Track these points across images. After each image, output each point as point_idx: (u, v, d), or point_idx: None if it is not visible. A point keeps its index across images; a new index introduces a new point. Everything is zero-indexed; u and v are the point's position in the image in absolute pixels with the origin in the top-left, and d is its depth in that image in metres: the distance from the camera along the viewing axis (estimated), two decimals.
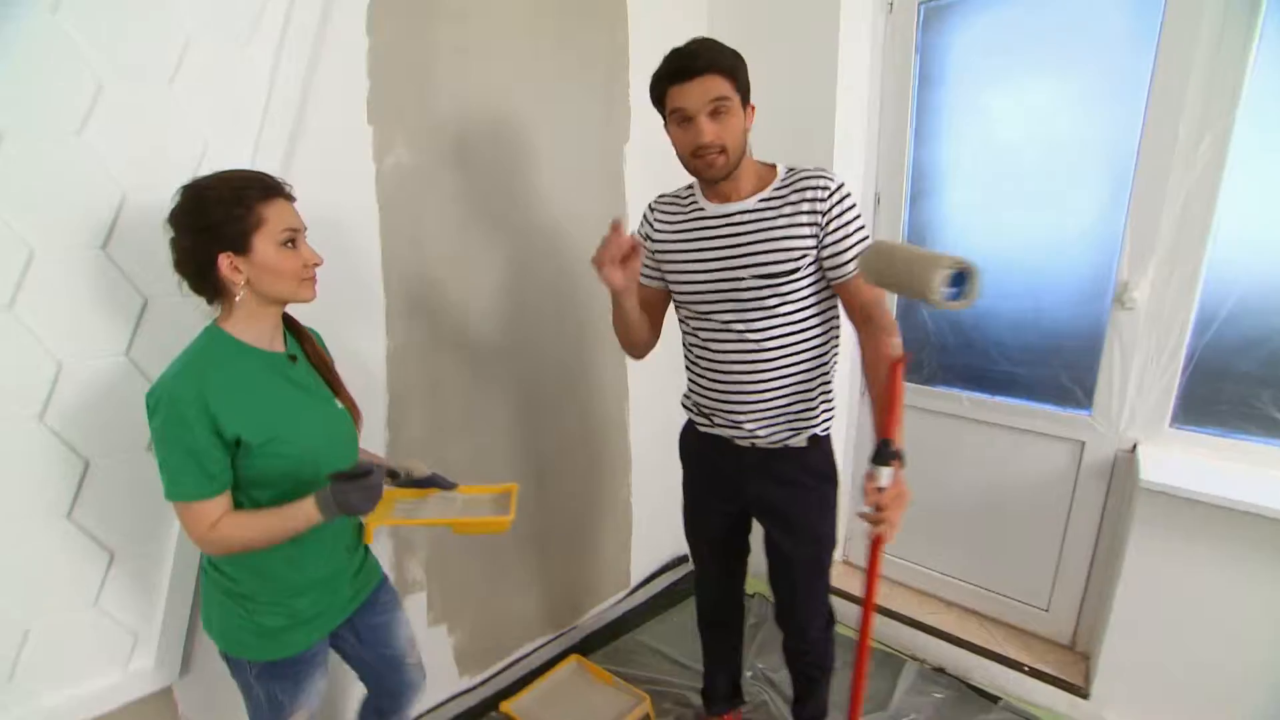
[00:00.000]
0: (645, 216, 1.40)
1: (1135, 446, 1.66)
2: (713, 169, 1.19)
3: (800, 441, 1.32)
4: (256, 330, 1.02)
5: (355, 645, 1.23)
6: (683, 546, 2.57)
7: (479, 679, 1.90)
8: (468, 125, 1.61)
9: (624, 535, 2.31)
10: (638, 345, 1.42)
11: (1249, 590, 1.44)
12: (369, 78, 1.41)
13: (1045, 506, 1.84)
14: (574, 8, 1.79)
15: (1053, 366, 1.79)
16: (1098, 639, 1.73)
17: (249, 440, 0.96)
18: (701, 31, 2.12)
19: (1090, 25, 1.63)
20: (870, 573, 1.16)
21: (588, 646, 2.11)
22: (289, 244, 0.99)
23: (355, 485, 0.97)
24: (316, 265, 1.03)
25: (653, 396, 2.27)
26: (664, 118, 1.24)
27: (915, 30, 1.90)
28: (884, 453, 1.07)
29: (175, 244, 0.97)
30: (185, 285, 0.99)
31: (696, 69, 1.14)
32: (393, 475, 1.11)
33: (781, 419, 1.31)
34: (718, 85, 1.14)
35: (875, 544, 1.14)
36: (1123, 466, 1.70)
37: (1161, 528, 1.52)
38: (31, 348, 1.06)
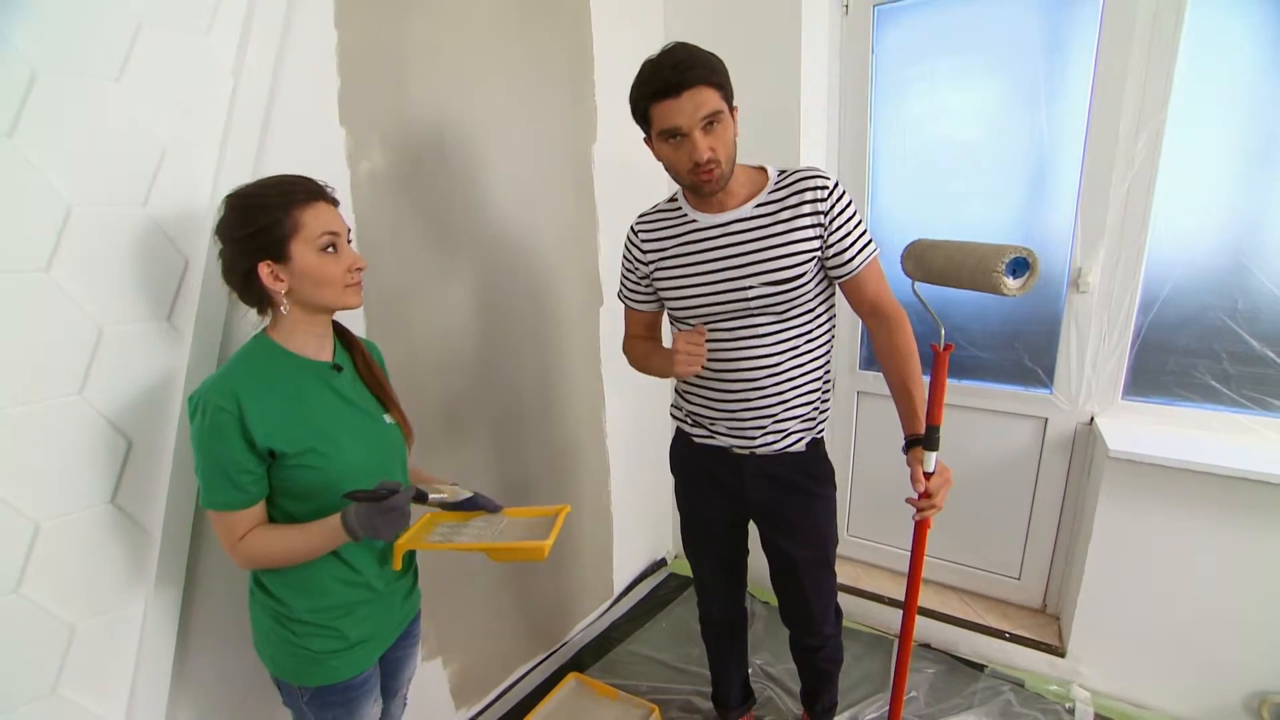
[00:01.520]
0: (630, 240, 1.35)
1: (1093, 419, 1.80)
2: (713, 182, 1.15)
3: (800, 447, 1.31)
4: (303, 339, 1.00)
5: None
6: (660, 550, 2.57)
7: (476, 709, 1.80)
8: (442, 127, 1.51)
9: (605, 544, 2.26)
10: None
11: (1205, 544, 1.59)
12: (339, 75, 1.29)
13: (1013, 481, 1.96)
14: (538, 6, 1.72)
15: (1015, 349, 1.90)
16: (1068, 600, 1.86)
17: (282, 450, 0.94)
18: (658, 31, 2.13)
19: (1033, 28, 1.74)
20: (916, 558, 1.19)
21: (581, 662, 2.04)
22: (329, 249, 0.96)
23: (375, 509, 0.93)
24: (360, 269, 1.00)
25: (628, 402, 2.24)
26: (647, 134, 1.18)
27: (871, 31, 1.96)
28: (933, 439, 1.10)
29: (221, 255, 0.96)
30: (234, 296, 0.98)
31: (685, 82, 1.07)
32: (420, 498, 1.02)
33: (786, 425, 1.29)
34: (709, 98, 1.08)
35: (922, 529, 1.17)
36: (1083, 438, 1.83)
37: (1127, 492, 1.65)
38: None
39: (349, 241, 1.01)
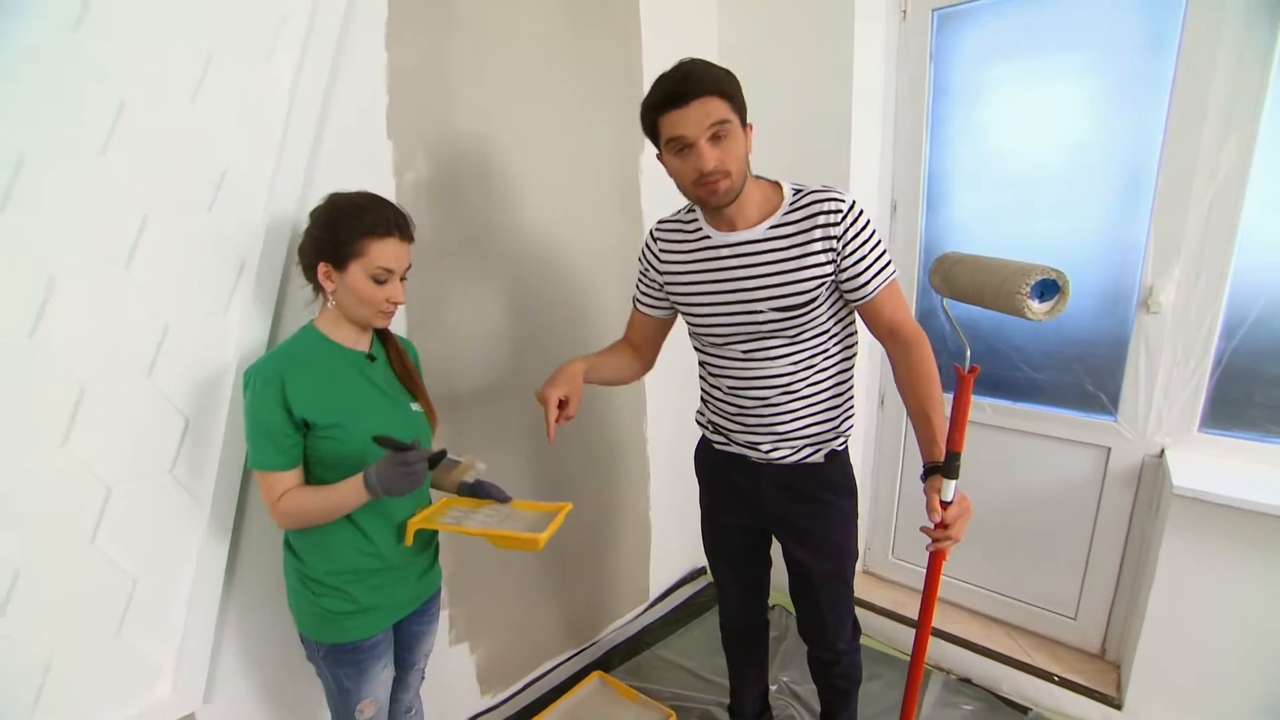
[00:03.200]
0: (648, 245, 1.35)
1: (1163, 452, 1.65)
2: (717, 195, 1.13)
3: (818, 458, 1.30)
4: (344, 331, 1.13)
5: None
6: (701, 559, 2.56)
7: (501, 698, 1.88)
8: (485, 140, 1.60)
9: (643, 548, 2.29)
10: (625, 383, 1.48)
11: None
12: (388, 93, 1.40)
13: (1071, 513, 1.82)
14: (587, 22, 1.79)
15: (1075, 372, 1.77)
16: (1129, 648, 1.71)
17: (314, 421, 1.06)
18: (712, 43, 2.15)
19: (1108, 29, 1.62)
20: (929, 589, 1.15)
21: (609, 662, 2.08)
22: (379, 280, 1.08)
23: (393, 459, 1.02)
24: (397, 304, 1.12)
25: (670, 410, 2.26)
26: (658, 148, 1.18)
27: (929, 36, 1.90)
28: (953, 466, 1.05)
29: (305, 233, 1.10)
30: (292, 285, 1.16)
31: (692, 92, 1.07)
32: (433, 462, 1.09)
33: (802, 439, 1.28)
34: (716, 107, 1.07)
35: (936, 559, 1.12)
36: (1150, 472, 1.68)
37: (1195, 534, 1.50)
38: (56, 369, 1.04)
39: (403, 278, 1.12)
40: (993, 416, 1.91)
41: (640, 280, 1.40)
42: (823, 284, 1.18)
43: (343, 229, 1.06)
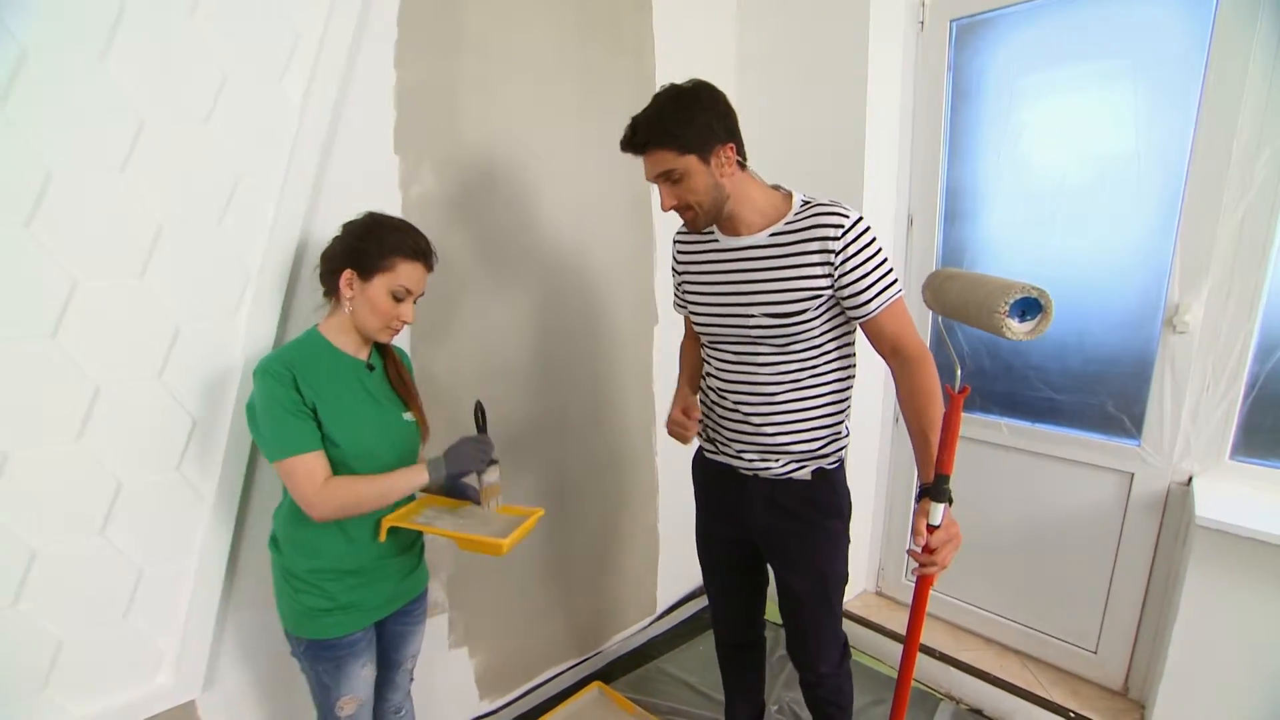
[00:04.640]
0: (673, 248, 1.41)
1: (1191, 479, 1.56)
2: (689, 224, 1.24)
3: (804, 475, 1.28)
4: (346, 339, 1.18)
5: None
6: None
7: (500, 703, 1.89)
8: (493, 154, 1.64)
9: (650, 561, 2.28)
10: None
11: None
12: (395, 109, 1.45)
13: (1092, 541, 1.74)
14: (598, 39, 1.82)
15: (1097, 393, 1.70)
16: (1153, 687, 1.61)
17: (319, 413, 1.10)
18: (730, 56, 2.15)
19: (1134, 39, 1.56)
20: (915, 613, 1.11)
21: (611, 673, 2.08)
22: (397, 298, 1.15)
23: (469, 438, 1.20)
24: (405, 323, 1.18)
25: None
26: None
27: (947, 48, 1.86)
28: (941, 489, 1.03)
29: (334, 241, 1.17)
30: (317, 271, 1.19)
31: (638, 146, 1.18)
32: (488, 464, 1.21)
33: (783, 453, 1.27)
34: (660, 159, 1.16)
35: (922, 583, 1.09)
36: (1177, 500, 1.59)
37: (1220, 568, 1.41)
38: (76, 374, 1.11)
39: (414, 301, 1.18)
40: (1009, 438, 1.84)
41: (675, 283, 1.43)
42: (815, 297, 1.17)
43: (376, 243, 1.13)
